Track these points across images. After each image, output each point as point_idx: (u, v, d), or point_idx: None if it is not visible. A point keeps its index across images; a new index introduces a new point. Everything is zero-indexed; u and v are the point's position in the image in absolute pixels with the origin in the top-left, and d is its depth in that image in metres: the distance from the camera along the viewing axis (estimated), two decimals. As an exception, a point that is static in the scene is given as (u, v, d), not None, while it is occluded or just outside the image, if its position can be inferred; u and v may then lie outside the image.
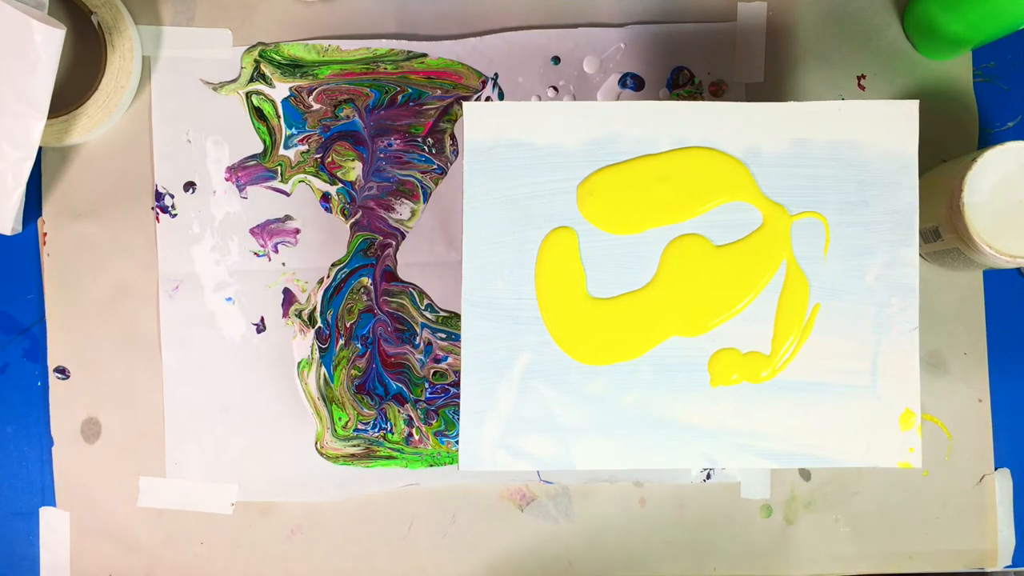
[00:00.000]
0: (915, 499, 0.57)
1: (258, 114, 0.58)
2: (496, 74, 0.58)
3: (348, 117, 0.58)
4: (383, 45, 0.58)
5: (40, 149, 0.56)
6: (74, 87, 0.56)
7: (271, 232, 0.58)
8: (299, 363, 0.58)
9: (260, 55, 0.58)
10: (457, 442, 0.56)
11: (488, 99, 0.58)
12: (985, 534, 0.57)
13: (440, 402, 0.57)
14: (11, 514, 0.58)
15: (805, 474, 0.58)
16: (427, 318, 0.57)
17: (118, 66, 0.56)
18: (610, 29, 0.58)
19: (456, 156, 0.58)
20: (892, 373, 0.52)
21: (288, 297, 0.58)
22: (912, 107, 0.53)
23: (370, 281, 0.58)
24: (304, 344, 0.57)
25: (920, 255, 0.54)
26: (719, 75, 0.58)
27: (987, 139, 0.58)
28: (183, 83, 0.58)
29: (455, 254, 0.57)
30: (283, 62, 0.58)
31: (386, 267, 0.58)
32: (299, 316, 0.58)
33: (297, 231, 0.58)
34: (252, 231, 0.58)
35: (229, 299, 0.58)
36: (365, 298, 0.58)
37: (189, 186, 0.58)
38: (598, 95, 0.58)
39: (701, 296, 0.50)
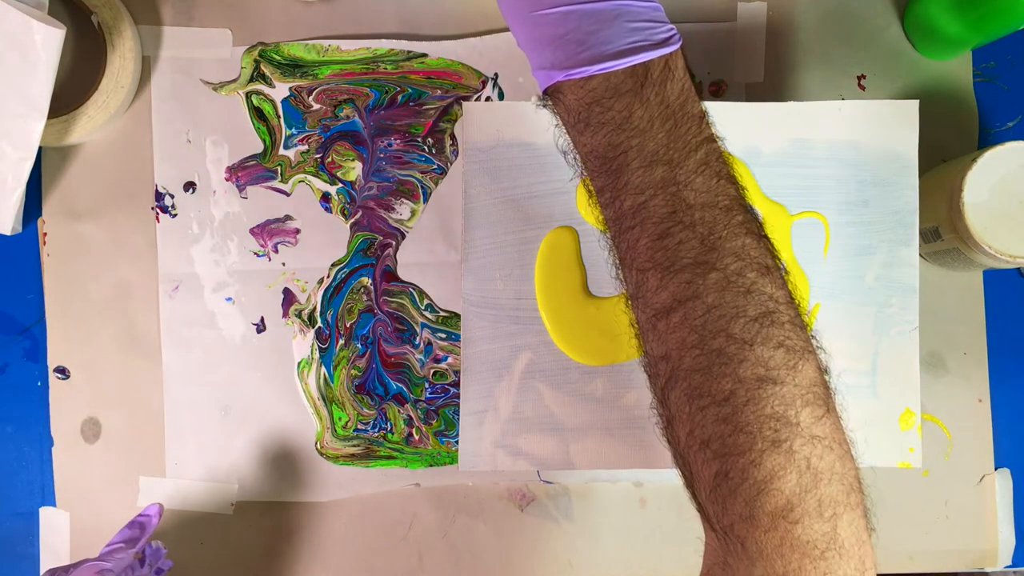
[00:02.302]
0: (915, 499, 0.57)
1: (258, 114, 0.58)
2: (496, 74, 0.58)
3: (348, 117, 0.58)
4: (383, 45, 0.58)
5: (40, 149, 0.56)
6: (74, 87, 0.56)
7: (271, 232, 0.58)
8: (299, 363, 0.58)
9: (260, 55, 0.58)
10: (457, 442, 0.56)
11: (488, 99, 0.58)
12: (985, 534, 0.57)
13: (440, 402, 0.57)
14: (11, 514, 0.58)
15: (805, 474, 0.58)
16: (427, 318, 0.57)
17: (118, 66, 0.56)
18: (610, 29, 0.58)
19: (456, 156, 0.58)
20: (892, 373, 0.52)
21: (288, 297, 0.58)
22: (912, 107, 0.53)
23: (370, 281, 0.58)
24: (304, 344, 0.57)
25: (920, 255, 0.54)
26: (719, 75, 0.58)
27: (987, 139, 0.58)
28: (183, 83, 0.58)
29: (455, 254, 0.57)
30: (283, 62, 0.58)
31: (386, 267, 0.58)
32: (299, 316, 0.58)
33: (297, 231, 0.58)
34: (252, 231, 0.58)
35: (229, 299, 0.58)
36: (365, 298, 0.58)
37: (189, 186, 0.58)
38: (598, 95, 0.58)
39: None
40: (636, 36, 0.33)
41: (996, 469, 0.57)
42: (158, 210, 0.58)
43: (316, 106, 0.58)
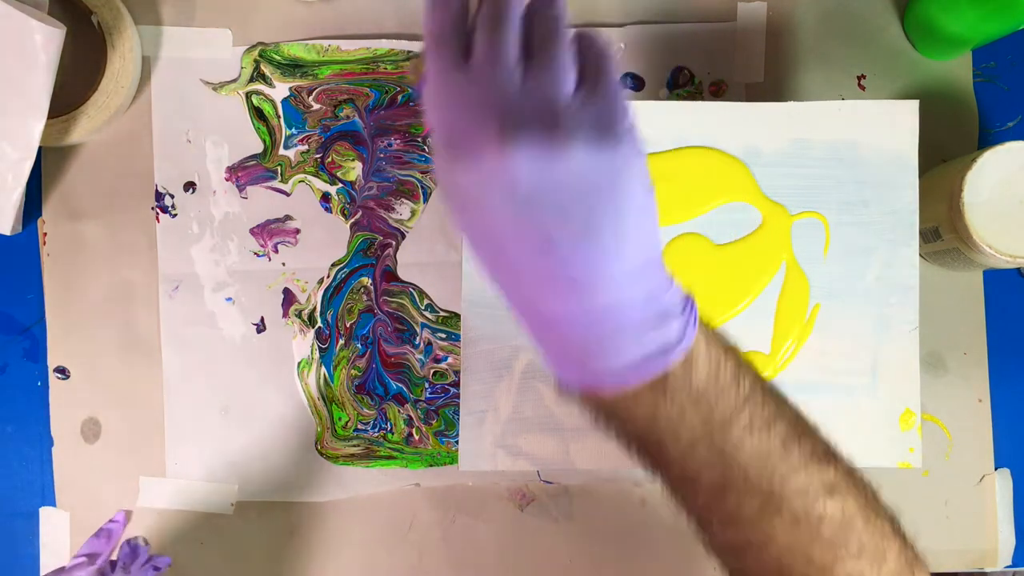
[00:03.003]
0: (915, 499, 0.57)
1: (258, 114, 0.58)
2: (496, 74, 0.58)
3: (348, 117, 0.58)
4: (383, 45, 0.58)
5: (40, 149, 0.56)
6: (74, 87, 0.56)
7: (271, 232, 0.58)
8: (299, 363, 0.58)
9: (260, 55, 0.58)
10: (457, 442, 0.56)
11: (488, 99, 0.58)
12: (985, 534, 0.57)
13: (440, 402, 0.57)
14: (11, 514, 0.58)
15: (805, 474, 0.58)
16: (427, 318, 0.57)
17: (118, 66, 0.56)
18: (610, 29, 0.58)
19: (456, 156, 0.58)
20: (892, 373, 0.52)
21: (288, 297, 0.58)
22: (912, 107, 0.53)
23: (370, 281, 0.58)
24: (304, 344, 0.57)
25: (920, 255, 0.54)
26: (719, 75, 0.58)
27: (987, 139, 0.58)
28: (183, 83, 0.58)
29: (455, 254, 0.57)
30: (283, 62, 0.58)
31: (386, 267, 0.58)
32: (299, 316, 0.58)
33: (297, 231, 0.58)
34: (252, 231, 0.58)
35: (229, 299, 0.58)
36: (365, 298, 0.58)
37: (189, 186, 0.58)
38: (598, 95, 0.58)
39: (701, 295, 0.50)
40: (644, 348, 0.30)
41: (996, 469, 0.57)
42: (158, 210, 0.58)
43: (316, 106, 0.58)
